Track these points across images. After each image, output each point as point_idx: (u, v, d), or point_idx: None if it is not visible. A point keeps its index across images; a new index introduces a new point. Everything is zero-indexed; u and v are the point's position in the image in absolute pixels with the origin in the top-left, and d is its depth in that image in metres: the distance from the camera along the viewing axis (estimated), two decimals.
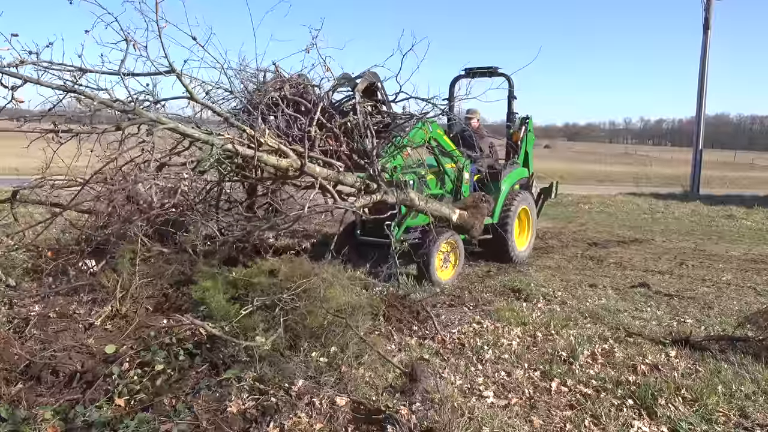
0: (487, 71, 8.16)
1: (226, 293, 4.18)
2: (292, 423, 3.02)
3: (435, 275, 6.31)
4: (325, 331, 3.81)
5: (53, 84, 4.14)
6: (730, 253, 9.45)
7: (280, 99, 5.50)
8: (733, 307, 5.95)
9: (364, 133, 5.69)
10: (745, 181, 33.94)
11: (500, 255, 7.75)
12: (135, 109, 4.39)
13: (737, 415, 3.45)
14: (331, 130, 5.62)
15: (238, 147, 4.68)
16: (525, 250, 8.23)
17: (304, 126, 5.39)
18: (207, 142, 4.52)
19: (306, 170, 5.09)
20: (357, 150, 5.78)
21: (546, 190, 8.99)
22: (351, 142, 5.77)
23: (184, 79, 4.79)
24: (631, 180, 28.55)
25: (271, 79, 5.77)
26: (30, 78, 3.99)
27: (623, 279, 7.13)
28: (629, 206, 16.69)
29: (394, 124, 6.15)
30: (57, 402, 3.19)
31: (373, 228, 6.41)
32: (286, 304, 3.91)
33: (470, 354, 4.27)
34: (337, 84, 6.00)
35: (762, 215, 15.14)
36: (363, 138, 5.69)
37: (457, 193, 7.24)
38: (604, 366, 4.15)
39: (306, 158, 5.02)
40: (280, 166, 5.04)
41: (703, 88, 22.81)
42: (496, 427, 3.18)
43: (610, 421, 3.33)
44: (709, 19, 22.34)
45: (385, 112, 6.23)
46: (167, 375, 3.47)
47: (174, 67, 4.60)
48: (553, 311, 5.47)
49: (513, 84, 8.16)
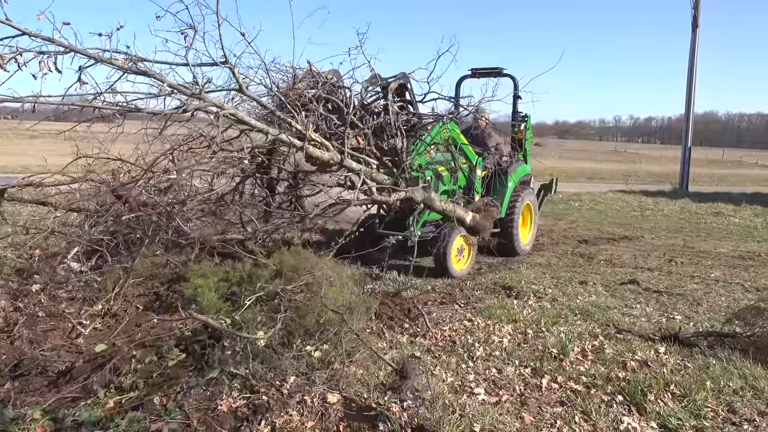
0: (493, 72, 8.41)
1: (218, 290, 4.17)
2: (284, 421, 3.01)
3: (451, 267, 6.66)
4: (321, 328, 3.80)
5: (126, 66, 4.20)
6: (718, 250, 9.54)
7: (315, 99, 5.69)
8: (722, 303, 6.00)
9: (395, 132, 5.99)
10: (733, 179, 34.23)
11: (506, 249, 8.03)
12: (201, 93, 4.55)
13: (725, 411, 3.49)
14: (362, 130, 5.87)
15: (290, 138, 5.00)
16: (528, 244, 8.67)
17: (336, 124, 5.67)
18: (262, 131, 4.86)
19: (345, 164, 5.41)
20: (381, 148, 6.04)
21: (546, 186, 9.42)
22: (380, 141, 6.03)
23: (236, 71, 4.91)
24: (621, 177, 28.69)
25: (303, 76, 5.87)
26: (102, 58, 4.05)
27: (613, 276, 7.16)
28: (619, 203, 16.80)
29: (419, 123, 6.48)
30: (46, 401, 3.17)
31: (391, 222, 6.74)
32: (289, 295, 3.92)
33: (461, 351, 4.28)
34: (369, 84, 6.24)
35: (749, 212, 15.32)
36: (393, 137, 6.00)
37: (470, 189, 7.54)
38: (594, 362, 4.17)
39: (346, 154, 5.36)
40: (323, 159, 5.29)
41: (691, 86, 22.98)
42: (487, 424, 3.19)
43: (600, 417, 3.35)
44: (697, 17, 22.49)
45: (411, 112, 6.53)
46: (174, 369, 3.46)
47: (228, 59, 4.72)
48: (544, 308, 5.49)
49: (518, 84, 8.45)
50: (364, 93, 6.20)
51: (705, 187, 25.98)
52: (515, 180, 8.25)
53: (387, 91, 6.14)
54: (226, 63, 4.65)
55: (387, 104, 6.10)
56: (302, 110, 5.49)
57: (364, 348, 3.87)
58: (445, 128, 6.74)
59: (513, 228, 8.02)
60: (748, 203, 16.83)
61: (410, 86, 6.52)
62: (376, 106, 6.36)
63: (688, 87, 23.08)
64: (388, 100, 6.10)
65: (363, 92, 6.20)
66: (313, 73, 5.86)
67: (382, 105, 6.28)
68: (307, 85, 5.74)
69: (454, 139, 7.07)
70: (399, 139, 6.07)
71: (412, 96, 6.59)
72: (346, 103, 5.82)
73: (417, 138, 6.45)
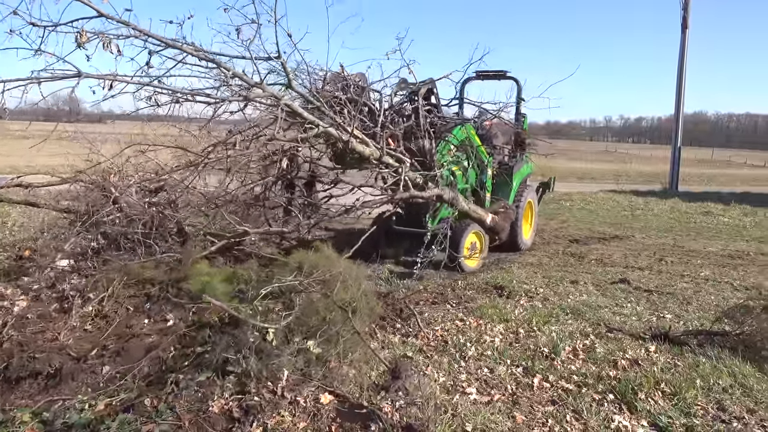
0: (497, 74, 8.65)
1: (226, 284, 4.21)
2: (276, 422, 3.01)
3: (464, 263, 7.01)
4: (326, 324, 3.80)
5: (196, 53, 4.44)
6: (707, 249, 9.61)
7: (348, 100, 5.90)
8: (711, 302, 6.04)
9: (423, 134, 6.28)
10: (723, 178, 34.44)
11: (510, 244, 8.36)
12: (262, 83, 4.82)
13: (715, 408, 3.52)
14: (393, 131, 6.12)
15: (338, 131, 5.29)
16: (529, 239, 9.14)
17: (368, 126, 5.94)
18: (314, 123, 5.13)
19: (383, 160, 5.71)
20: (409, 148, 6.28)
21: (545, 185, 9.86)
22: (407, 142, 6.29)
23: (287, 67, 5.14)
24: (611, 177, 28.82)
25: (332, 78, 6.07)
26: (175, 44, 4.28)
27: (604, 275, 7.20)
28: (610, 203, 16.87)
29: (443, 125, 6.87)
30: (36, 404, 3.15)
31: (407, 219, 6.92)
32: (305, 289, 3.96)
33: (453, 351, 4.29)
34: (399, 89, 6.60)
35: (738, 211, 15.45)
36: (422, 138, 6.30)
37: (481, 188, 7.88)
38: (586, 361, 4.19)
39: (384, 150, 5.67)
40: (364, 154, 5.57)
41: (681, 86, 23.13)
42: (478, 423, 3.20)
43: (591, 415, 3.37)
44: (687, 18, 22.63)
45: (437, 115, 6.92)
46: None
47: (281, 55, 4.88)
48: (535, 308, 5.51)
49: (521, 87, 8.72)
50: (393, 96, 6.56)
51: (695, 186, 26.13)
52: (520, 179, 8.63)
53: (417, 95, 6.48)
54: (279, 58, 4.87)
55: (417, 107, 6.43)
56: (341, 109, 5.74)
57: (360, 348, 3.86)
58: (464, 130, 7.20)
59: (517, 224, 8.34)
60: (737, 203, 16.97)
61: (436, 90, 6.91)
62: (405, 108, 6.67)
63: (678, 87, 23.23)
64: (418, 103, 6.43)
65: (392, 95, 6.56)
66: (345, 77, 6.09)
67: (410, 108, 6.59)
68: (336, 87, 5.96)
69: (470, 140, 7.46)
70: (427, 140, 6.37)
71: (438, 100, 6.96)
72: (378, 106, 6.21)
73: (442, 139, 6.83)
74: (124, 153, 5.29)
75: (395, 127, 6.19)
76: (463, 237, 6.99)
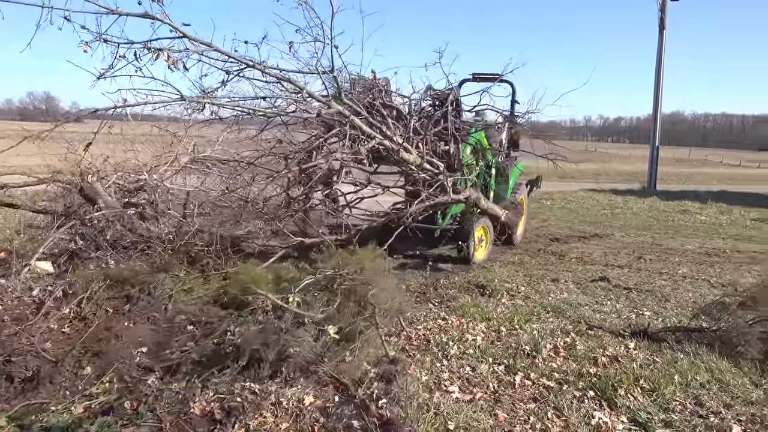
0: (492, 77, 8.72)
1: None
2: (258, 423, 2.99)
3: (473, 255, 7.48)
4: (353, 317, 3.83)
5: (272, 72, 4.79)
6: (685, 247, 9.75)
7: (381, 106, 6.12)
8: (689, 299, 6.13)
9: (450, 139, 6.63)
10: (699, 177, 34.93)
11: (506, 238, 8.76)
12: (330, 101, 5.19)
13: (693, 404, 3.57)
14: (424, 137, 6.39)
15: (388, 143, 5.64)
16: (521, 235, 9.67)
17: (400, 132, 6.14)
18: (370, 136, 5.47)
19: (424, 166, 6.11)
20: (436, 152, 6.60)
21: (533, 182, 10.30)
22: (434, 146, 6.62)
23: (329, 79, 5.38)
24: (591, 176, 29.10)
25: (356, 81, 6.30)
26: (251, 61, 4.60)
27: (584, 273, 7.27)
28: (590, 202, 17.04)
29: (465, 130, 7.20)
30: (12, 408, 3.09)
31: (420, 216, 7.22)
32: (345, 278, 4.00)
33: (435, 350, 4.30)
34: (426, 95, 6.93)
35: (715, 210, 15.71)
36: (448, 143, 6.66)
37: (486, 186, 8.27)
38: (566, 359, 4.23)
39: (424, 157, 6.08)
40: (409, 161, 5.96)
41: (659, 86, 23.43)
42: (461, 421, 3.21)
43: (572, 412, 3.40)
44: (664, 19, 22.94)
45: (462, 120, 7.23)
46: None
47: (333, 69, 5.13)
48: (517, 306, 5.55)
49: (516, 90, 8.94)
50: (422, 102, 6.89)
51: (672, 185, 26.49)
52: (515, 177, 9.17)
53: (447, 102, 6.74)
54: (332, 72, 5.13)
55: (446, 112, 6.70)
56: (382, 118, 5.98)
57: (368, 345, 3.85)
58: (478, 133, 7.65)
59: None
60: (714, 201, 17.25)
61: (459, 96, 7.20)
62: (431, 113, 6.91)
63: (656, 87, 23.54)
64: (447, 109, 6.69)
65: (421, 101, 6.88)
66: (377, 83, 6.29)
67: (438, 113, 6.81)
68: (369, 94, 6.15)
69: (481, 143, 7.87)
70: (453, 144, 6.75)
71: (460, 105, 7.24)
72: (409, 112, 6.58)
73: (464, 142, 7.21)
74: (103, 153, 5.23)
75: (425, 131, 6.44)
76: (473, 231, 7.43)
